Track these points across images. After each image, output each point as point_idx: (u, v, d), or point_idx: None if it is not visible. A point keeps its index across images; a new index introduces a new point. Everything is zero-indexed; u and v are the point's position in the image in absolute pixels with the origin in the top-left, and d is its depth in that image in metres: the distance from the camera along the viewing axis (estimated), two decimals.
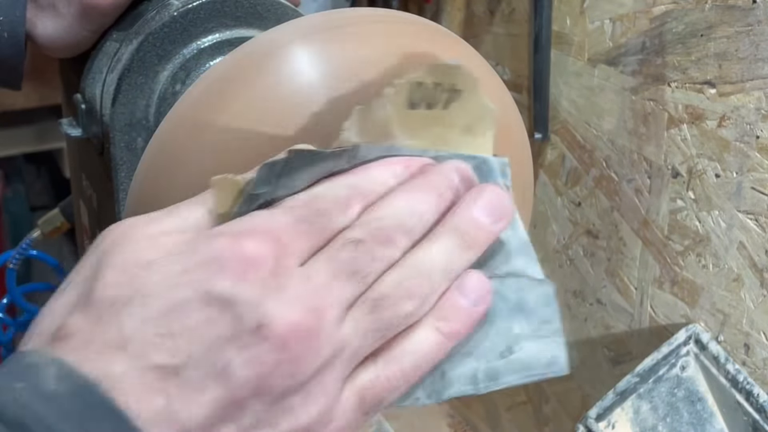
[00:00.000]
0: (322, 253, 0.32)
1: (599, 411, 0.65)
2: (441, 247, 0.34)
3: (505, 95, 0.46)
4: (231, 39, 0.48)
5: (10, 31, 0.48)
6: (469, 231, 0.34)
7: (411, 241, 0.34)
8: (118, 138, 0.48)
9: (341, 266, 0.32)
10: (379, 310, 0.32)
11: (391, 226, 0.33)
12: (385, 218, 0.33)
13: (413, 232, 0.34)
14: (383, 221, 0.33)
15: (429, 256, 0.34)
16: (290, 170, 0.32)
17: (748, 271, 0.62)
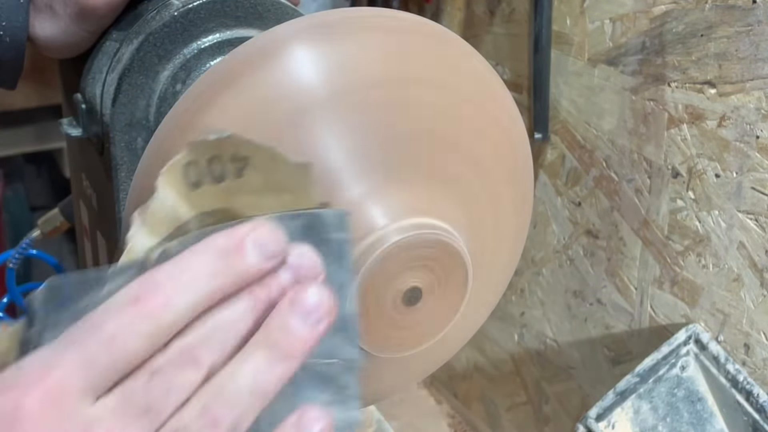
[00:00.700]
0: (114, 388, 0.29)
1: (599, 411, 0.65)
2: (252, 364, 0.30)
3: (505, 95, 0.46)
4: (231, 39, 0.48)
5: (12, 35, 0.48)
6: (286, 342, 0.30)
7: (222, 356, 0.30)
8: (119, 138, 0.48)
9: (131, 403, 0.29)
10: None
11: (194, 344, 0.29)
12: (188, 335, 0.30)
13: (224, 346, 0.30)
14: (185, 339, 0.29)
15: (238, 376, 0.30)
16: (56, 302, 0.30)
17: (748, 271, 0.62)
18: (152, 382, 0.29)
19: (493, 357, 0.95)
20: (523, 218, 0.48)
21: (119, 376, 0.29)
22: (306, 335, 0.31)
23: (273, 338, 0.30)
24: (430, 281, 0.41)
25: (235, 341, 0.30)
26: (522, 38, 0.81)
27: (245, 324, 0.31)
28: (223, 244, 0.30)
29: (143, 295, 0.29)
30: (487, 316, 0.51)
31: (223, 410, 0.29)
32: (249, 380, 0.30)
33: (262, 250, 0.31)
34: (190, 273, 0.30)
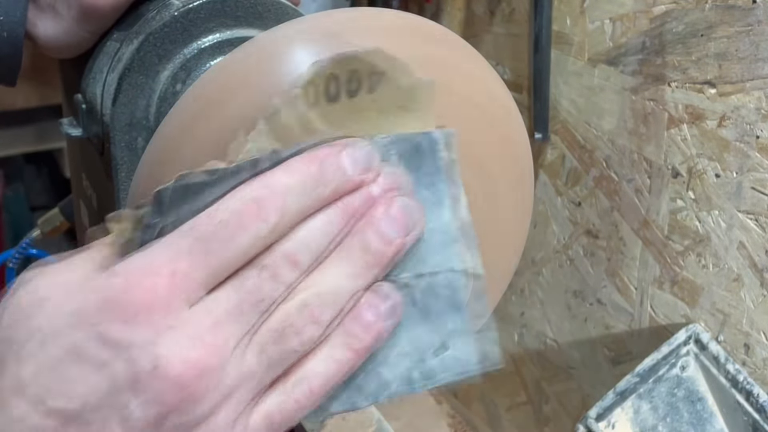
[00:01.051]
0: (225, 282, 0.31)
1: (599, 411, 0.65)
2: (347, 267, 0.33)
3: (505, 94, 0.46)
4: (231, 39, 0.48)
5: (9, 31, 0.48)
6: (377, 248, 0.33)
7: (316, 260, 0.33)
8: (119, 138, 0.48)
9: (243, 296, 0.31)
10: (283, 339, 0.32)
11: (295, 248, 0.32)
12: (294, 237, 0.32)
13: (319, 251, 0.33)
14: (292, 241, 0.32)
15: (334, 276, 0.33)
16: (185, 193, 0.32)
17: (748, 271, 0.62)
18: (261, 276, 0.31)
19: None
20: (524, 218, 0.48)
21: (231, 272, 0.31)
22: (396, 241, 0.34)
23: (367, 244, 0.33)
24: None
25: (329, 247, 0.33)
26: (522, 38, 0.81)
27: (338, 232, 0.33)
28: (324, 156, 0.33)
29: (260, 199, 0.32)
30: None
31: (322, 308, 0.32)
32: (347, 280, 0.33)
33: (357, 166, 0.34)
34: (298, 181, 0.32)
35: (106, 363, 0.29)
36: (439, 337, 0.36)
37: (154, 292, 0.30)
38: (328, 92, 0.34)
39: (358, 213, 0.34)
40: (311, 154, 0.33)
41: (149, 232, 0.32)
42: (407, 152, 0.35)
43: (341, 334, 0.33)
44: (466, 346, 0.36)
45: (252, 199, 0.32)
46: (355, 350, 0.33)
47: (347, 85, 0.35)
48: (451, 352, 0.36)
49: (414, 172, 0.36)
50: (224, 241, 0.31)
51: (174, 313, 0.30)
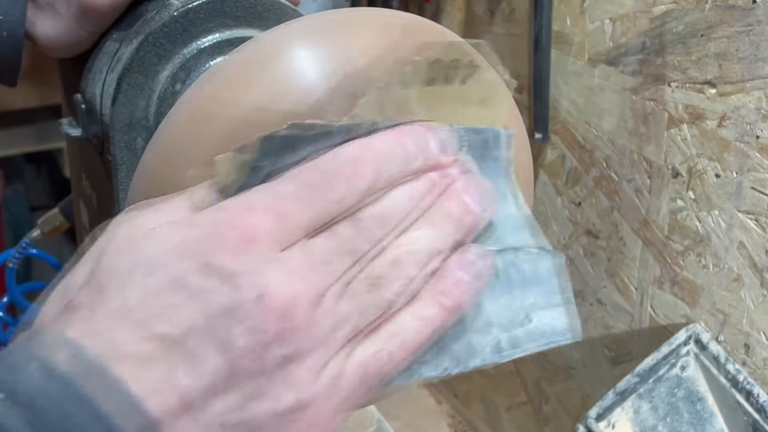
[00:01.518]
0: (325, 229, 0.33)
1: (599, 411, 0.65)
2: (431, 230, 0.35)
3: (506, 94, 0.46)
4: (231, 39, 0.48)
5: (9, 30, 0.48)
6: (458, 215, 0.35)
7: (405, 223, 0.34)
8: (118, 138, 0.48)
9: (342, 244, 0.32)
10: (376, 288, 0.33)
11: (387, 209, 0.34)
12: (386, 199, 0.34)
13: (408, 215, 0.34)
14: (384, 202, 0.34)
15: (421, 238, 0.34)
16: (292, 143, 0.33)
17: (748, 271, 0.62)
18: (356, 228, 0.33)
19: None
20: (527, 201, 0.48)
21: (329, 220, 0.33)
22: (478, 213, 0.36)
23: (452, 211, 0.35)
24: None
25: (416, 214, 0.35)
26: (522, 38, 0.81)
27: (424, 200, 0.35)
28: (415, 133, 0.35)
29: (360, 159, 0.33)
30: None
31: (412, 264, 0.34)
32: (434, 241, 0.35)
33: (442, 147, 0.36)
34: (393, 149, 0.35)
35: (212, 290, 0.30)
36: (523, 308, 0.37)
37: (259, 227, 0.31)
38: (429, 75, 0.36)
39: (440, 187, 0.36)
40: (404, 128, 0.35)
41: (254, 176, 0.33)
42: (476, 144, 0.37)
43: (431, 290, 0.35)
44: (550, 317, 0.37)
45: (353, 157, 0.33)
46: (445, 307, 0.35)
47: (446, 72, 0.36)
48: (536, 323, 0.37)
49: (480, 164, 0.37)
50: (326, 190, 0.32)
51: (278, 248, 0.31)
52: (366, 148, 0.34)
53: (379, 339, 0.34)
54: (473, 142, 0.37)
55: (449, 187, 0.36)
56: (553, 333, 0.37)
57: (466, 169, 0.37)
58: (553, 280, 0.37)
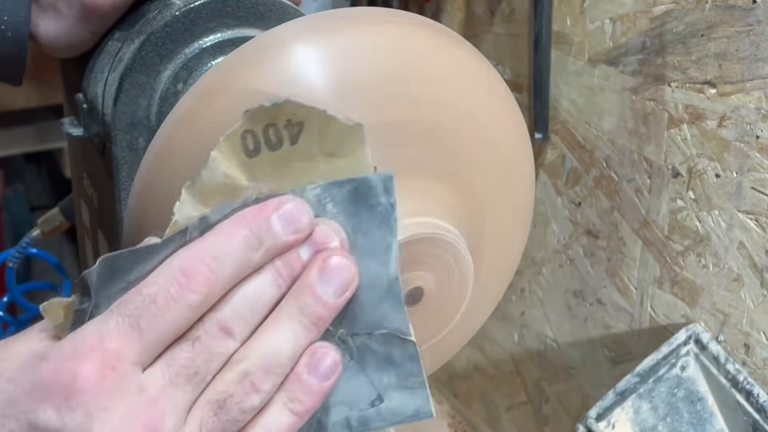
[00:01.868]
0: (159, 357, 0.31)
1: (599, 411, 0.65)
2: (284, 332, 0.33)
3: (506, 94, 0.46)
4: (233, 38, 0.48)
5: (13, 30, 0.48)
6: (314, 310, 0.33)
7: (252, 327, 0.33)
8: (120, 137, 0.48)
9: (178, 370, 0.31)
10: (224, 410, 0.32)
11: (228, 316, 0.32)
12: (221, 308, 0.32)
13: (253, 317, 0.33)
14: (219, 312, 0.32)
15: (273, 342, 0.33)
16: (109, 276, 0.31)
17: (748, 271, 0.62)
18: (194, 350, 0.31)
19: (493, 357, 0.95)
20: (525, 218, 0.49)
21: (165, 346, 0.31)
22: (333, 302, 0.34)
23: (303, 306, 0.33)
24: (432, 281, 0.41)
25: (263, 312, 0.33)
26: (522, 38, 0.81)
27: (271, 296, 0.33)
28: (251, 215, 0.33)
29: (187, 270, 0.31)
30: (488, 316, 0.51)
31: (262, 376, 0.32)
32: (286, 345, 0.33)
33: (288, 226, 0.33)
34: (226, 248, 0.32)
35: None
36: (375, 389, 0.37)
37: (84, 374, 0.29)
38: (246, 148, 0.34)
39: (291, 275, 0.33)
40: (238, 217, 0.33)
41: (80, 317, 0.32)
42: (343, 199, 0.35)
43: (284, 398, 0.33)
44: (400, 399, 0.37)
45: (180, 271, 0.31)
46: (297, 413, 0.33)
47: (265, 138, 0.34)
48: (387, 403, 0.37)
49: (351, 218, 0.35)
50: (154, 317, 0.31)
51: (106, 393, 0.29)
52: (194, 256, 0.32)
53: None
54: (339, 198, 0.35)
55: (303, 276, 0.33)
56: (404, 413, 0.37)
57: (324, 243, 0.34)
58: (407, 364, 0.36)
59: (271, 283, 0.33)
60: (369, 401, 0.37)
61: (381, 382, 0.37)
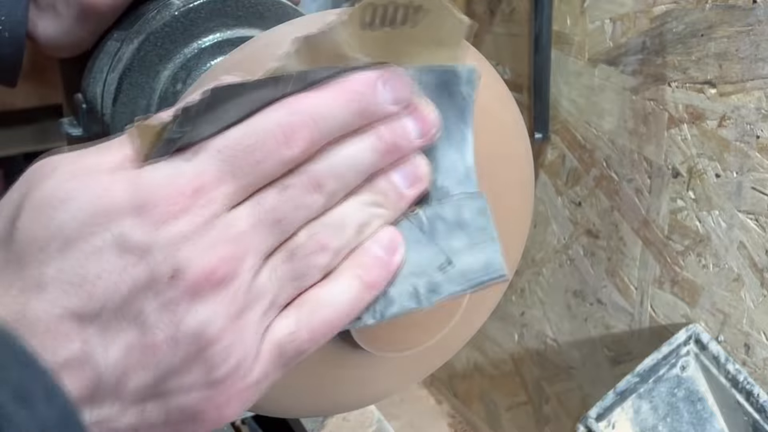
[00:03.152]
0: (249, 198, 0.32)
1: (599, 411, 0.65)
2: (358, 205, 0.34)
3: (506, 94, 0.46)
4: (232, 38, 0.48)
5: (11, 30, 0.48)
6: (387, 194, 0.35)
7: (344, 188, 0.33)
8: None
9: (264, 214, 0.32)
10: (295, 260, 0.33)
11: (322, 172, 0.33)
12: (317, 162, 0.33)
13: (346, 178, 0.33)
14: (314, 165, 0.33)
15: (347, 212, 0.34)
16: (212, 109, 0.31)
17: (748, 271, 0.62)
18: (283, 197, 0.32)
19: (493, 357, 0.95)
20: (525, 217, 0.48)
21: (255, 189, 0.32)
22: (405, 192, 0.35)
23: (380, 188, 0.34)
24: None
25: (356, 175, 0.33)
26: (522, 38, 0.81)
27: (367, 161, 0.34)
28: (359, 82, 0.33)
29: (290, 126, 0.32)
30: (488, 316, 0.51)
31: (332, 238, 0.33)
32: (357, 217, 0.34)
33: (392, 94, 0.34)
34: (330, 105, 0.32)
35: (127, 267, 0.29)
36: (444, 254, 0.37)
37: (178, 201, 0.30)
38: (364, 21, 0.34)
39: (393, 143, 0.34)
40: (346, 80, 0.33)
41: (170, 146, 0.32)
42: (431, 84, 0.36)
43: (353, 264, 0.34)
44: (470, 258, 0.37)
45: (282, 126, 0.32)
46: (365, 282, 0.34)
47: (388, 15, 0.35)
48: (457, 267, 0.37)
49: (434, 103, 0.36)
50: (250, 166, 0.31)
51: (195, 223, 0.30)
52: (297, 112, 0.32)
53: (298, 316, 0.33)
54: (427, 82, 0.36)
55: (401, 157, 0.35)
56: (474, 272, 0.37)
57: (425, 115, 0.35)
58: (478, 220, 0.37)
59: (370, 148, 0.34)
60: (438, 266, 0.37)
61: (451, 247, 0.37)
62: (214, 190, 0.31)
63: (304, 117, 0.32)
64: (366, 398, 0.50)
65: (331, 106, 0.33)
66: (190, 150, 0.31)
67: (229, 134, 0.32)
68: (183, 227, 0.30)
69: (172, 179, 0.30)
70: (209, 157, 0.31)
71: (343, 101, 0.33)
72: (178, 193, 0.30)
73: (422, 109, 0.35)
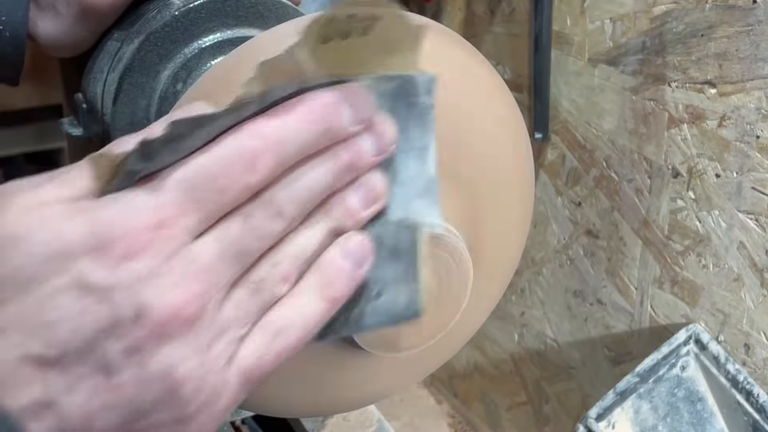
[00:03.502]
0: (213, 228, 0.31)
1: (599, 411, 0.65)
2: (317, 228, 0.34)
3: (506, 94, 0.46)
4: (232, 38, 0.48)
5: (12, 31, 0.48)
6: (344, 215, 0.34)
7: (303, 212, 0.33)
8: (119, 137, 0.48)
9: (228, 246, 0.31)
10: (259, 292, 0.32)
11: (284, 199, 0.32)
12: (278, 189, 0.32)
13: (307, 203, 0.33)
14: (276, 193, 0.32)
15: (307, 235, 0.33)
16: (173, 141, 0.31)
17: (748, 270, 0.62)
18: (246, 227, 0.31)
19: (493, 357, 0.95)
20: (525, 217, 0.48)
21: (219, 216, 0.31)
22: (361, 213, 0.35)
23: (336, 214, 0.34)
24: (432, 281, 0.41)
25: (315, 198, 0.33)
26: (522, 38, 0.81)
27: (326, 184, 0.33)
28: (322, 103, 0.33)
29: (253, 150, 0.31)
30: (488, 316, 0.51)
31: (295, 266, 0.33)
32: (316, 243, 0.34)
33: (354, 114, 0.33)
34: (294, 128, 0.32)
35: (89, 309, 0.29)
36: (377, 284, 0.37)
37: (139, 238, 0.29)
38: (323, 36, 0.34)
39: (351, 165, 0.34)
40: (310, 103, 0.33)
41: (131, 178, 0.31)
42: (390, 93, 0.36)
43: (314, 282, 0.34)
44: (396, 293, 0.37)
45: (245, 152, 0.31)
46: (328, 299, 0.34)
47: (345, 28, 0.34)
48: (384, 299, 0.37)
49: (392, 113, 0.36)
50: (213, 194, 0.31)
51: (158, 260, 0.29)
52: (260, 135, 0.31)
53: (263, 340, 0.33)
54: (386, 92, 0.35)
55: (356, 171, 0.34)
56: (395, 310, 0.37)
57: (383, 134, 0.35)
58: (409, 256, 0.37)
59: (329, 170, 0.33)
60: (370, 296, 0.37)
61: (383, 277, 0.37)
62: (175, 223, 0.30)
63: (267, 142, 0.31)
64: (366, 398, 0.50)
65: (295, 129, 0.32)
66: (152, 181, 0.31)
67: (191, 164, 0.31)
68: (145, 265, 0.29)
69: (131, 214, 0.30)
70: (170, 188, 0.30)
71: (307, 123, 0.32)
72: (139, 228, 0.29)
73: (379, 126, 0.35)
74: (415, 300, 0.37)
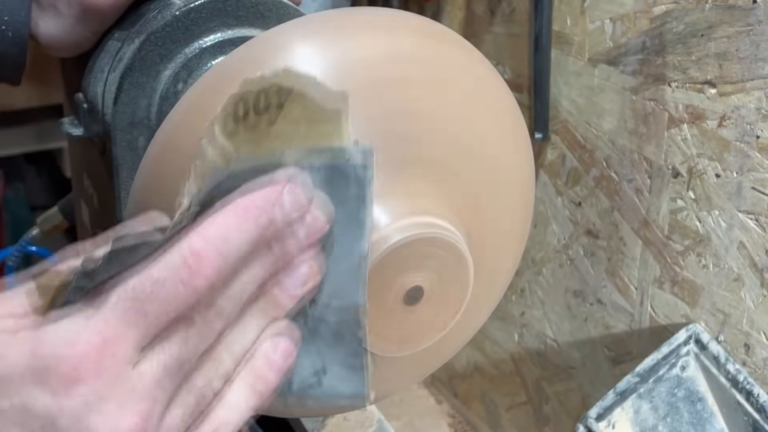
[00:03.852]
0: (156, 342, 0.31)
1: (599, 411, 0.65)
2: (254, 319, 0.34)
3: (507, 94, 0.46)
4: (233, 38, 0.48)
5: (14, 31, 0.48)
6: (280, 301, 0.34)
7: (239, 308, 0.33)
8: (120, 137, 0.48)
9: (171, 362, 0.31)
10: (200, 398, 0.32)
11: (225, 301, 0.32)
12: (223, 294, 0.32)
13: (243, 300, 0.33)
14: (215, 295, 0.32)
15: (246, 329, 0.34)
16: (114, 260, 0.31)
17: (748, 270, 0.62)
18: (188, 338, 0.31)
19: (493, 357, 0.95)
20: (525, 217, 0.49)
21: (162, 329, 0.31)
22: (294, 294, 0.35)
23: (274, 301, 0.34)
24: (432, 280, 0.41)
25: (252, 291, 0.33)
26: (522, 38, 0.81)
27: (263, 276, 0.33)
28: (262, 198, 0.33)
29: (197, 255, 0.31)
30: (488, 316, 0.51)
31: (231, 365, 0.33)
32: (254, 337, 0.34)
33: (294, 204, 0.33)
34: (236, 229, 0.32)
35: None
36: (321, 360, 0.37)
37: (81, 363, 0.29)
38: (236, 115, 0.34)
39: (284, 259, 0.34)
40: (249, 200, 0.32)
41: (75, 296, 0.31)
42: (322, 167, 0.35)
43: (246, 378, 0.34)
44: (341, 376, 0.37)
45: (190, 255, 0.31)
46: (260, 392, 0.34)
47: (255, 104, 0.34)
48: (328, 377, 0.37)
49: (327, 186, 0.35)
50: (158, 303, 0.30)
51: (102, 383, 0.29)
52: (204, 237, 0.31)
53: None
54: (318, 166, 0.34)
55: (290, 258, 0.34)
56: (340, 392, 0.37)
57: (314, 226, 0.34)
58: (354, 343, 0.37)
59: (268, 262, 0.34)
60: (314, 371, 0.37)
61: (328, 355, 0.37)
62: (117, 344, 0.30)
63: (211, 241, 0.31)
64: None
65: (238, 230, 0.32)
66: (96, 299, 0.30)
67: (134, 278, 0.31)
68: (88, 391, 0.29)
69: (73, 338, 0.29)
70: (112, 308, 0.30)
71: (248, 223, 0.32)
72: (80, 353, 0.29)
73: (314, 211, 0.34)
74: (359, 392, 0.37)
